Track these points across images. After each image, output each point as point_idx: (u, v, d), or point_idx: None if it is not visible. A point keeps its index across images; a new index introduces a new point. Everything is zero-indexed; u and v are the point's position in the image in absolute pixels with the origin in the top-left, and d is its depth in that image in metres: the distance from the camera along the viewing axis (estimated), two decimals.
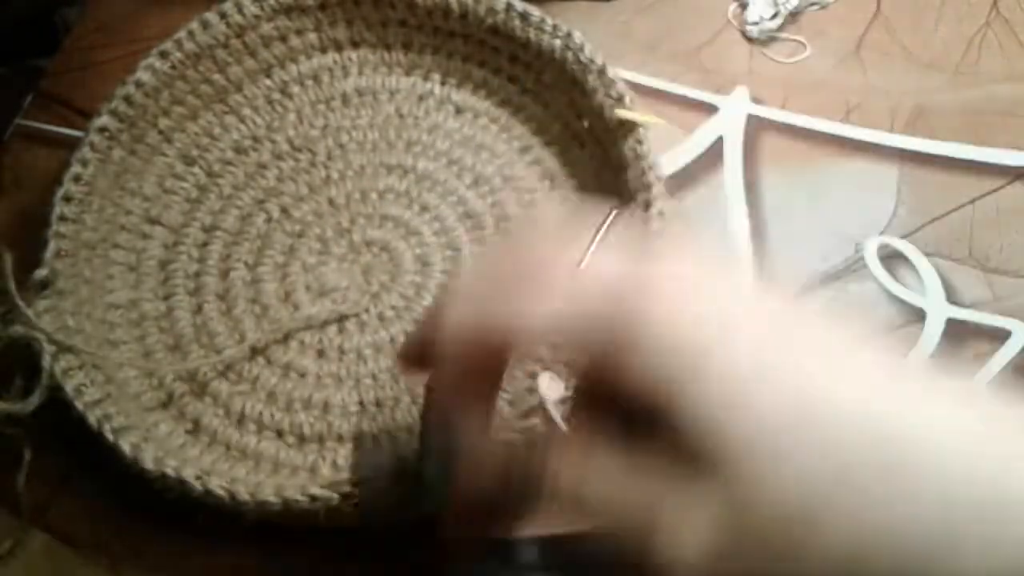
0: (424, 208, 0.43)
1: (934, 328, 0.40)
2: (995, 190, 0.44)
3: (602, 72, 0.41)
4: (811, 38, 0.49)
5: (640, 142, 0.39)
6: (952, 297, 0.41)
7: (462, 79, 0.45)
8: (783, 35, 0.49)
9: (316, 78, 0.46)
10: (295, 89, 0.45)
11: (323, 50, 0.46)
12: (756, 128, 0.46)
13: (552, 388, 0.32)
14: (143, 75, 0.41)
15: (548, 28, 0.42)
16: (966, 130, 0.46)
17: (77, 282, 0.39)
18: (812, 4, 0.50)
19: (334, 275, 0.41)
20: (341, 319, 0.40)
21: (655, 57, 0.48)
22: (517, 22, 0.43)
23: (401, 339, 0.39)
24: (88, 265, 0.40)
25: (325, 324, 0.40)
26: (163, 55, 0.42)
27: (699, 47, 0.49)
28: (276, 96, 0.45)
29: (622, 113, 0.40)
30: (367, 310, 0.40)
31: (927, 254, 0.42)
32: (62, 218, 0.38)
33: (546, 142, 0.44)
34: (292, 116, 0.45)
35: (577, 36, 0.42)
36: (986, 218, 0.43)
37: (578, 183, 0.43)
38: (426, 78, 0.46)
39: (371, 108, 0.45)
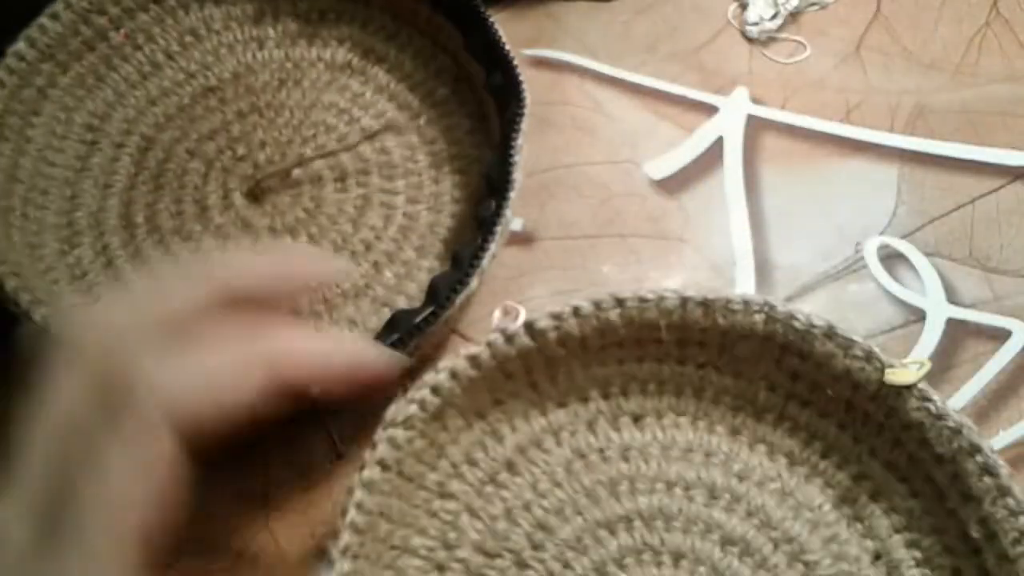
0: (678, 556, 0.34)
1: (934, 328, 0.40)
2: (995, 190, 0.44)
3: (831, 334, 0.34)
4: (811, 38, 0.49)
5: (928, 399, 0.33)
6: (952, 297, 0.41)
7: (624, 382, 0.37)
8: (783, 35, 0.49)
9: (471, 460, 0.37)
10: (455, 485, 0.36)
11: (469, 425, 0.37)
12: (756, 128, 0.46)
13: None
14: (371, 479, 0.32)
15: (755, 307, 0.35)
16: (966, 130, 0.46)
17: None
18: (812, 4, 0.50)
19: None
20: None
21: (655, 57, 0.48)
22: (697, 312, 0.35)
23: None
24: None
25: None
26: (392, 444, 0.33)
27: (699, 47, 0.49)
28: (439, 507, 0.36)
29: (892, 378, 0.33)
30: None
31: (927, 254, 0.42)
32: None
33: (756, 414, 0.36)
34: (466, 522, 0.35)
35: (778, 304, 0.34)
36: (986, 218, 0.43)
37: (825, 445, 0.36)
38: (583, 400, 0.37)
39: (543, 461, 0.36)
